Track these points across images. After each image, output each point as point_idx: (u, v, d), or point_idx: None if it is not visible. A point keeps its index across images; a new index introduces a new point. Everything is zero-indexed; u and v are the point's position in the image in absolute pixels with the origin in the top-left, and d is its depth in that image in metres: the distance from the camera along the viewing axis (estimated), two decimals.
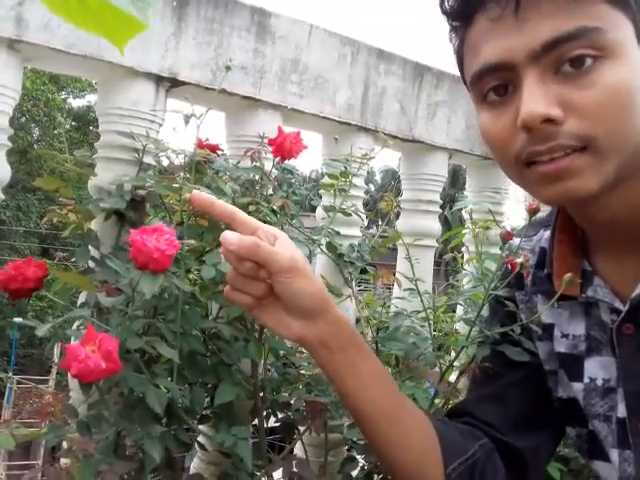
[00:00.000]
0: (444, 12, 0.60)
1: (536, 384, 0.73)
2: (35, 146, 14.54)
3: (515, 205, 1.65)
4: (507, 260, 0.79)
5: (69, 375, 0.85)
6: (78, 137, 14.37)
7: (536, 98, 0.53)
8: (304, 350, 1.18)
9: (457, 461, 0.66)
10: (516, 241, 0.77)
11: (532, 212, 0.79)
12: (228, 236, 0.57)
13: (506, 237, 0.77)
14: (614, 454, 0.65)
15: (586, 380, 0.67)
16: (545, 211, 0.78)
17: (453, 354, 1.10)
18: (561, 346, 0.70)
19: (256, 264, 0.58)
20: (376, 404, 0.64)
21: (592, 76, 0.52)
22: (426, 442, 0.67)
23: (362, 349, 0.65)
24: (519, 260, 0.74)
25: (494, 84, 0.57)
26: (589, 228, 0.66)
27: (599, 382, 0.66)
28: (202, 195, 0.60)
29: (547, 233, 0.71)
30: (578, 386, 0.68)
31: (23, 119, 14.44)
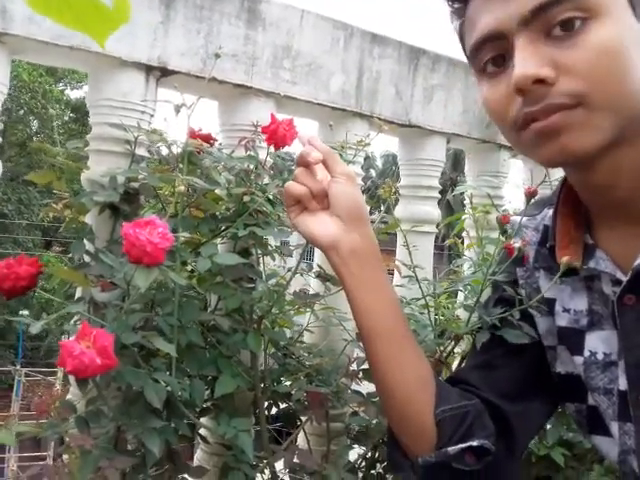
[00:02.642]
0: None
1: (530, 357, 0.74)
2: (34, 138, 14.52)
3: (515, 189, 1.63)
4: (505, 245, 0.79)
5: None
6: (77, 129, 14.34)
7: (527, 60, 0.55)
8: (304, 340, 1.17)
9: (448, 406, 0.68)
10: (519, 219, 0.77)
11: (529, 195, 0.79)
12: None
13: (502, 221, 0.76)
14: (614, 427, 0.66)
15: (586, 354, 0.68)
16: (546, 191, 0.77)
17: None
18: (562, 320, 0.70)
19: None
20: (388, 324, 0.69)
21: (581, 37, 0.54)
22: (422, 379, 0.69)
23: (385, 273, 0.71)
24: (517, 245, 0.74)
25: (491, 55, 0.59)
26: (590, 199, 0.66)
27: (599, 356, 0.67)
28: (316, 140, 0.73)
29: (551, 211, 0.71)
30: (578, 359, 0.69)
31: (21, 112, 14.40)
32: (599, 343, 0.67)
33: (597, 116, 0.55)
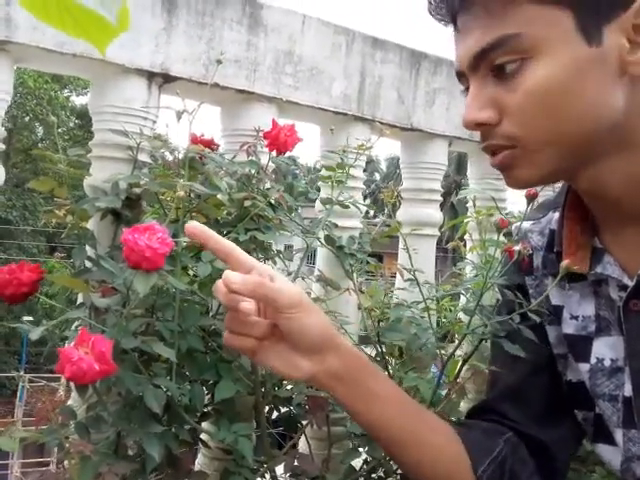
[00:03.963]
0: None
1: (551, 370, 0.73)
2: (39, 145, 14.60)
3: (518, 192, 1.63)
4: (506, 248, 0.79)
5: None
6: (82, 135, 14.41)
7: (470, 104, 0.59)
8: None
9: (486, 461, 0.66)
10: (524, 225, 0.76)
11: (530, 198, 0.78)
12: (231, 275, 0.55)
13: (500, 225, 0.76)
14: (618, 434, 0.65)
15: (593, 360, 0.67)
16: (547, 193, 0.77)
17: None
18: (569, 328, 0.70)
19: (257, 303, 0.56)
20: (400, 426, 0.64)
21: (517, 79, 0.56)
22: (453, 450, 0.67)
23: (376, 374, 0.64)
24: (517, 248, 0.73)
25: (465, 87, 0.62)
26: (594, 206, 0.66)
27: (607, 362, 0.66)
28: (198, 227, 0.58)
29: (556, 214, 0.71)
30: (584, 367, 0.68)
31: (27, 118, 14.49)
32: (606, 349, 0.66)
33: (534, 154, 0.57)
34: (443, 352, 1.01)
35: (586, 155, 0.58)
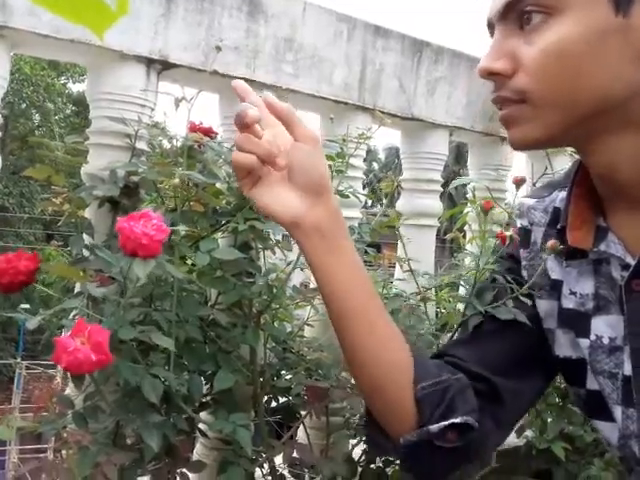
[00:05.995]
0: None
1: (526, 337, 0.73)
2: (36, 132, 14.52)
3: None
4: (498, 234, 0.79)
5: None
6: (79, 122, 14.33)
7: (488, 53, 0.59)
8: (304, 334, 1.17)
9: (429, 381, 0.66)
10: (528, 202, 0.76)
11: (518, 183, 0.79)
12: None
13: (485, 207, 0.76)
14: (617, 411, 0.66)
15: (592, 337, 0.67)
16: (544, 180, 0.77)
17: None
18: (570, 302, 0.70)
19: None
20: (357, 299, 0.64)
21: (539, 34, 0.56)
22: (400, 355, 0.66)
23: (351, 243, 0.66)
24: (508, 233, 0.74)
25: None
26: (598, 182, 0.65)
27: (605, 340, 0.66)
28: (240, 84, 0.65)
29: (562, 194, 0.71)
30: (584, 342, 0.68)
31: (23, 105, 14.41)
32: (605, 328, 0.66)
33: (541, 112, 0.57)
34: (440, 342, 1.01)
35: (593, 126, 0.58)
